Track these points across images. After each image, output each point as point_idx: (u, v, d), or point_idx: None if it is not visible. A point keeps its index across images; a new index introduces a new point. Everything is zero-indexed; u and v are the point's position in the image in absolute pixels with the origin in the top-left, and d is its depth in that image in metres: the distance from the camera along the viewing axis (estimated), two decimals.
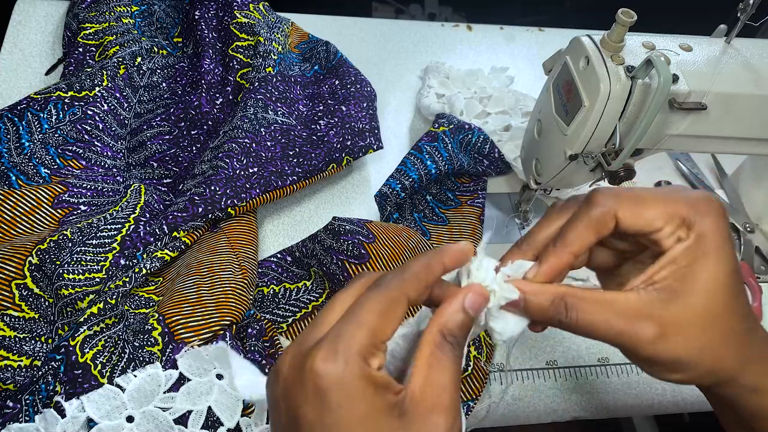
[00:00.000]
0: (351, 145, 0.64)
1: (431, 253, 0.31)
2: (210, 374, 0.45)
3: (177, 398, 0.45)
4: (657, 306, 0.31)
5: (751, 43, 0.54)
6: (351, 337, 0.27)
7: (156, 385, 0.44)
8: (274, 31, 0.72)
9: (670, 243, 0.32)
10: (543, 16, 1.30)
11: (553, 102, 0.54)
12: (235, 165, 0.58)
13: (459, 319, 0.29)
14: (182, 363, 0.45)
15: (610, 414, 0.58)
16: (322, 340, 0.27)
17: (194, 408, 0.45)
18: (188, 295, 0.49)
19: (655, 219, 0.32)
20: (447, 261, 0.31)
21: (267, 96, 0.65)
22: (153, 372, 0.45)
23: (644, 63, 0.46)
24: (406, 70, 0.80)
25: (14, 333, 0.48)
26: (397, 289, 0.28)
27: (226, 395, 0.46)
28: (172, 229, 0.54)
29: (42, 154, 0.59)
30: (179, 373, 0.45)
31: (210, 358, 0.45)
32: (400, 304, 0.28)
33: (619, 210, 0.32)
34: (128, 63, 0.67)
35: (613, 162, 0.49)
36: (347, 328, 0.27)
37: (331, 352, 0.26)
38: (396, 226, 0.57)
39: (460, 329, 0.29)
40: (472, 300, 0.30)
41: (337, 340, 0.27)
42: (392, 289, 0.28)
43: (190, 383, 0.45)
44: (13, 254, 0.50)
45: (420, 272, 0.29)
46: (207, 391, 0.45)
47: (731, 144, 0.56)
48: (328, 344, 0.27)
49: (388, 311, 0.28)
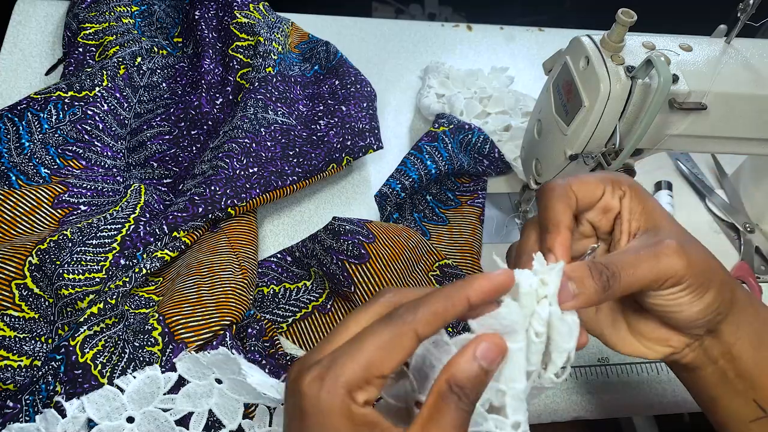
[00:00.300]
0: (351, 145, 0.64)
1: (456, 286, 0.28)
2: (209, 378, 0.45)
3: (177, 400, 0.45)
4: (657, 239, 0.35)
5: (751, 43, 0.54)
6: (342, 367, 0.26)
7: (155, 387, 0.44)
8: (274, 31, 0.72)
9: (616, 202, 0.37)
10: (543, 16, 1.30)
11: (553, 102, 0.54)
12: (235, 165, 0.58)
13: (468, 370, 0.27)
14: (181, 366, 0.45)
15: (610, 414, 0.58)
16: (319, 361, 0.27)
17: (195, 410, 0.45)
18: (188, 295, 0.49)
19: (595, 187, 0.37)
20: (473, 296, 0.27)
21: (267, 96, 0.65)
22: (152, 374, 0.45)
23: (644, 63, 0.46)
24: (406, 70, 0.80)
25: (14, 333, 0.48)
26: (408, 324, 0.27)
27: (227, 398, 0.46)
28: (172, 229, 0.54)
29: (42, 154, 0.59)
30: (178, 376, 0.45)
31: (208, 364, 0.44)
32: (407, 341, 0.27)
33: (572, 185, 0.37)
34: (128, 63, 0.67)
35: (613, 162, 0.49)
36: (342, 358, 0.26)
37: (319, 378, 0.26)
38: (396, 226, 0.57)
39: (470, 382, 0.26)
40: (484, 350, 0.27)
41: (329, 368, 0.26)
42: (401, 324, 0.27)
43: (190, 385, 0.45)
44: (13, 254, 0.50)
45: (438, 311, 0.27)
46: (207, 393, 0.45)
47: (731, 144, 0.56)
48: (320, 369, 0.27)
49: (389, 348, 0.26)
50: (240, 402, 0.46)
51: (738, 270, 0.66)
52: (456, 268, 0.58)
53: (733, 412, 0.38)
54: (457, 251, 0.62)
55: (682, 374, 0.41)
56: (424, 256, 0.58)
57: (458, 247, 0.62)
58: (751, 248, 0.69)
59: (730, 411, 0.38)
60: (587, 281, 0.32)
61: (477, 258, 0.61)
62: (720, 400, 0.39)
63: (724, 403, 0.38)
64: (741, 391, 0.37)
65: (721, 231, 0.71)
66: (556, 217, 0.35)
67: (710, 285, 0.35)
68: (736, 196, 0.72)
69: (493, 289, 0.28)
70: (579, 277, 0.32)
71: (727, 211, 0.71)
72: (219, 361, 0.44)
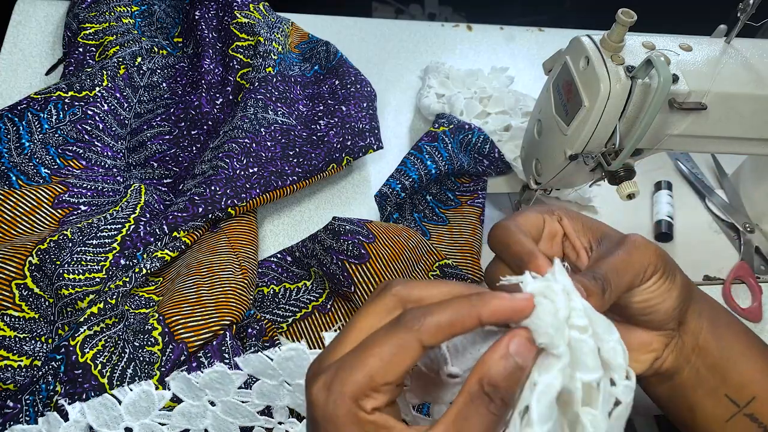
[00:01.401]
0: (351, 145, 0.64)
1: (469, 302, 0.26)
2: (202, 399, 0.44)
3: (173, 417, 0.44)
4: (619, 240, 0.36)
5: (751, 43, 0.54)
6: (347, 376, 0.26)
7: (150, 402, 0.44)
8: (274, 31, 0.72)
9: (558, 226, 0.39)
10: (543, 16, 1.30)
11: (553, 102, 0.54)
12: (235, 165, 0.58)
13: (503, 367, 0.25)
14: (174, 385, 0.44)
15: None
16: (328, 367, 0.27)
17: (192, 427, 0.44)
18: (188, 295, 0.49)
19: (535, 218, 0.38)
20: (486, 317, 0.26)
21: (267, 96, 0.65)
22: (147, 389, 0.43)
23: (644, 63, 0.46)
24: (406, 70, 0.80)
25: (14, 333, 0.48)
26: (413, 333, 0.26)
27: (221, 421, 0.45)
28: (173, 229, 0.54)
29: (42, 154, 0.59)
30: (172, 394, 0.44)
31: (201, 386, 0.43)
32: (412, 351, 0.26)
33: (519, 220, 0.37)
34: (128, 63, 0.67)
35: (613, 162, 0.49)
36: (346, 368, 0.26)
37: (326, 386, 0.26)
38: (396, 226, 0.57)
39: (505, 380, 0.25)
40: (518, 345, 0.25)
41: (335, 376, 0.26)
42: (405, 333, 0.26)
43: (184, 405, 0.44)
44: (14, 254, 0.50)
45: (444, 324, 0.26)
46: (201, 414, 0.45)
47: (731, 144, 0.56)
48: (326, 377, 0.26)
49: (394, 357, 0.26)
50: (235, 425, 0.45)
51: (738, 270, 0.66)
52: (456, 268, 0.58)
53: (710, 415, 0.39)
54: (458, 251, 0.62)
55: (661, 388, 0.41)
56: (424, 256, 0.58)
57: (458, 247, 0.62)
58: (751, 248, 0.69)
59: (707, 415, 0.39)
60: (589, 285, 0.31)
61: (477, 258, 0.61)
62: (697, 407, 0.39)
63: (700, 408, 0.39)
64: (713, 388, 0.39)
65: (721, 231, 0.71)
66: (526, 247, 0.34)
67: (675, 268, 0.37)
68: (736, 196, 0.72)
69: (511, 313, 0.26)
70: (582, 282, 0.31)
71: (727, 211, 0.71)
72: (213, 381, 0.43)
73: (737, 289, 0.66)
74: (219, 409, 0.44)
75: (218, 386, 0.43)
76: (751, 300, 0.65)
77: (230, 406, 0.44)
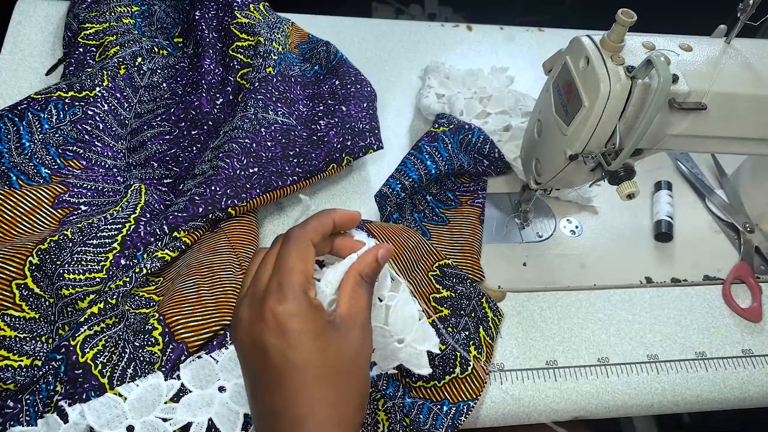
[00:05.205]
0: (351, 145, 0.64)
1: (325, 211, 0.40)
2: (213, 385, 0.45)
3: (178, 409, 0.45)
4: None
5: (751, 43, 0.54)
6: (291, 279, 0.35)
7: (157, 395, 0.44)
8: (275, 31, 0.72)
9: None
10: (543, 16, 1.30)
11: (553, 102, 0.54)
12: (235, 165, 0.58)
13: (373, 265, 0.40)
14: (185, 374, 0.45)
15: (610, 414, 0.58)
16: (269, 287, 0.36)
17: (195, 420, 0.45)
18: (188, 295, 0.50)
19: None
20: (337, 219, 0.40)
21: (267, 96, 0.65)
22: (155, 381, 0.45)
23: (644, 63, 0.46)
24: (406, 70, 0.80)
25: (15, 333, 0.48)
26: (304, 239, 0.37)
27: (227, 407, 0.46)
28: (173, 229, 0.54)
29: (42, 154, 0.59)
30: (181, 384, 0.45)
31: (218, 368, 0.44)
32: (311, 249, 0.37)
33: None
34: (129, 63, 0.67)
35: (613, 162, 0.50)
36: (285, 275, 0.36)
37: (282, 294, 0.35)
38: (396, 226, 0.57)
39: (373, 273, 0.40)
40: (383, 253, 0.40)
41: (282, 284, 0.35)
42: (302, 240, 0.37)
43: (191, 395, 0.45)
44: (14, 254, 0.50)
45: (317, 226, 0.38)
46: (208, 403, 0.45)
47: (731, 144, 0.56)
48: (277, 288, 0.35)
49: (305, 255, 0.37)
50: (240, 414, 0.46)
51: (738, 270, 0.66)
52: (456, 268, 0.58)
53: None
54: (458, 251, 0.62)
55: None
56: (424, 256, 0.58)
57: (458, 247, 0.62)
58: (751, 248, 0.69)
59: None
60: None
61: (477, 258, 0.61)
62: None
63: None
64: None
65: (720, 231, 0.71)
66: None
67: None
68: (735, 196, 0.73)
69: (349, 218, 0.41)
70: None
71: (727, 211, 0.71)
72: (230, 360, 0.45)
73: (737, 289, 0.66)
74: (228, 395, 0.45)
75: (233, 366, 0.45)
76: (751, 300, 0.65)
77: (241, 389, 0.44)
